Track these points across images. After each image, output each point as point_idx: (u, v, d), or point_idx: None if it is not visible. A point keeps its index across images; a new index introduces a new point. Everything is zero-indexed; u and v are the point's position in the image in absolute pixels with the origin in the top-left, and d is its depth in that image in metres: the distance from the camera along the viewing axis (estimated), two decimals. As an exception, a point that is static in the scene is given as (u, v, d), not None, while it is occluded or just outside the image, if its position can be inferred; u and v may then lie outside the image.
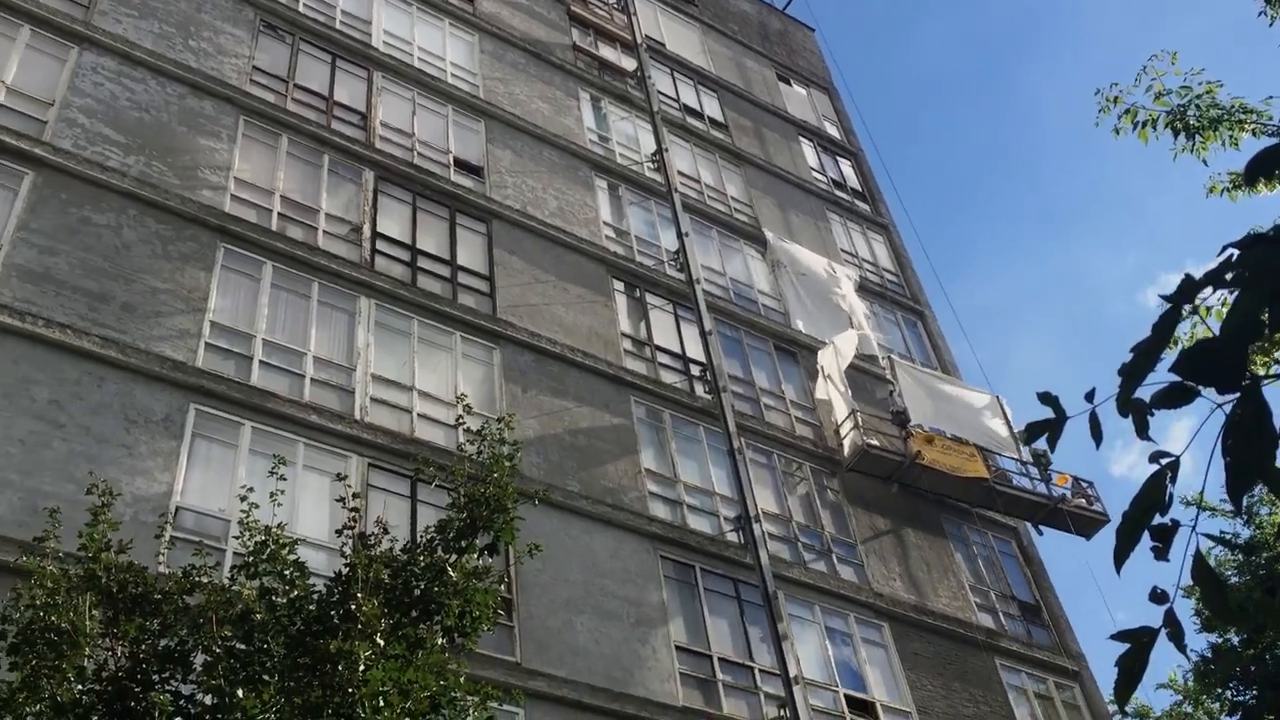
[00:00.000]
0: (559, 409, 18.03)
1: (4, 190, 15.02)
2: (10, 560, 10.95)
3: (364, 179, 19.24)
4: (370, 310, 17.28)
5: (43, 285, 14.33)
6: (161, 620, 7.32)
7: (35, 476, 12.67)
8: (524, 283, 19.63)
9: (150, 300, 15.10)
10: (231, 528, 13.33)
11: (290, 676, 7.05)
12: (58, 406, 13.39)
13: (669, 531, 17.56)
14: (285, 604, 7.74)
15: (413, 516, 14.95)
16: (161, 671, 7.09)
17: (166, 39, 18.55)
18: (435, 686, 7.53)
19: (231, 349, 15.50)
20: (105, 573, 7.54)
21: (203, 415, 14.50)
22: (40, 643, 6.97)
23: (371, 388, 16.35)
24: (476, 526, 8.75)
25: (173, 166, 16.85)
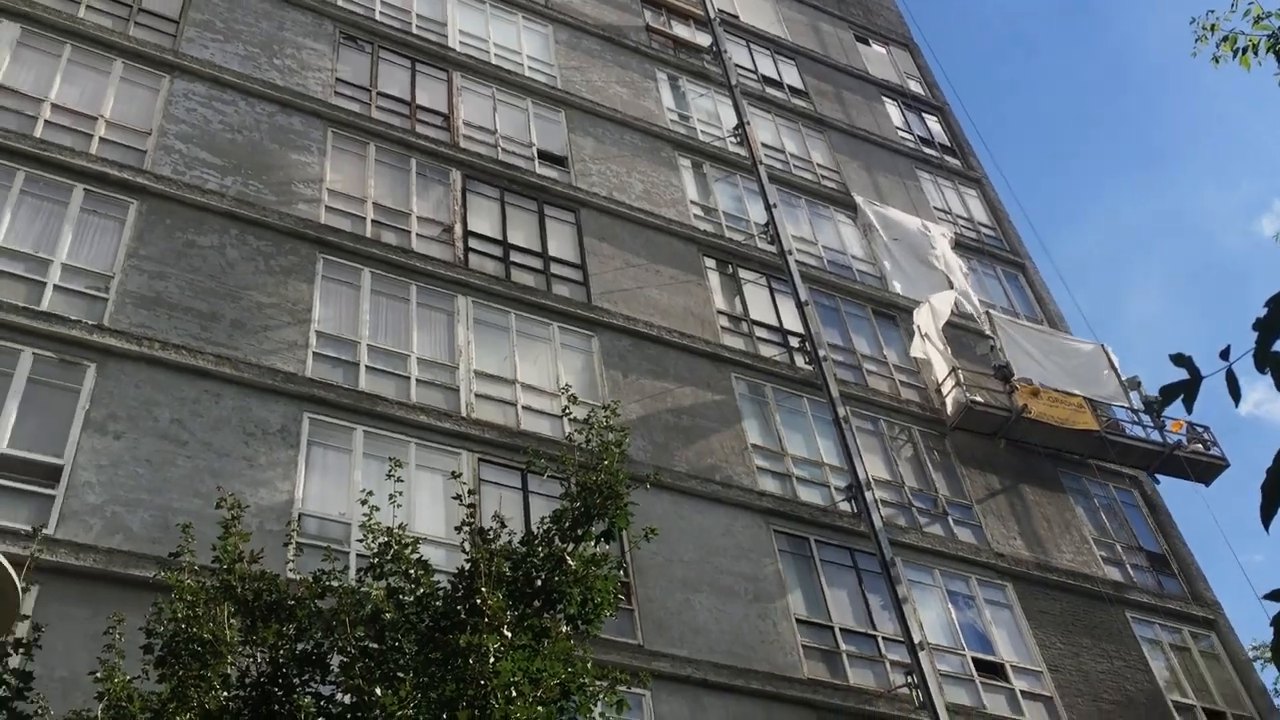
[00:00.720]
0: (660, 391, 18.08)
1: (112, 221, 15.58)
2: (149, 576, 11.40)
3: (451, 179, 19.49)
4: (468, 308, 17.52)
5: (156, 309, 14.84)
6: (296, 625, 7.57)
7: (164, 494, 13.16)
8: (616, 268, 19.70)
9: (258, 315, 15.53)
10: (353, 530, 13.70)
11: (424, 672, 7.24)
12: (180, 425, 13.88)
13: (780, 505, 17.51)
14: (412, 602, 7.93)
15: (525, 508, 15.16)
16: (301, 674, 7.33)
17: (252, 59, 19.01)
18: (564, 674, 7.66)
19: (338, 356, 15.87)
20: (240, 583, 7.81)
21: (316, 423, 14.88)
22: (185, 654, 7.26)
23: (475, 384, 16.60)
24: (591, 514, 8.85)
25: (268, 184, 17.28)
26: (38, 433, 13.05)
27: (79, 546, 12.18)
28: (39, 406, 13.27)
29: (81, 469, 12.91)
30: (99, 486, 12.87)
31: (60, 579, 11.77)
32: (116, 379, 13.90)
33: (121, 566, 12.23)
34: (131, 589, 11.75)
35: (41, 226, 15.04)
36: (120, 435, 13.41)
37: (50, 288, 14.40)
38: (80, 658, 10.20)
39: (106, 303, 14.59)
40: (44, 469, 12.79)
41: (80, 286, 14.66)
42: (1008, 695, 17.18)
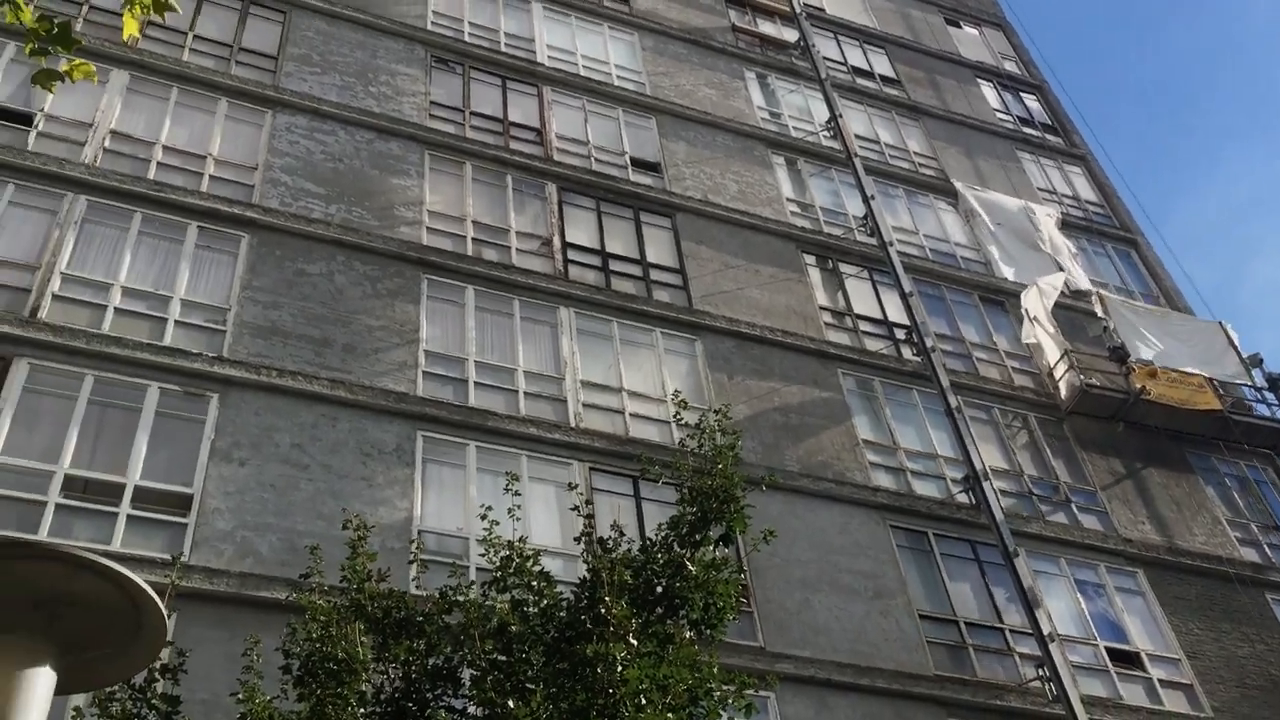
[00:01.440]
0: (767, 391, 17.98)
1: (226, 255, 16.09)
2: (281, 597, 11.73)
3: (547, 192, 19.68)
4: (570, 319, 17.66)
5: (271, 338, 15.27)
6: (426, 641, 7.71)
7: (289, 517, 13.53)
8: (715, 270, 19.66)
9: (368, 338, 15.88)
10: (471, 544, 13.91)
11: (553, 683, 7.31)
12: (300, 449, 14.25)
13: (896, 500, 17.26)
14: (537, 614, 8.01)
15: (639, 515, 15.21)
16: (433, 689, 7.46)
17: (349, 89, 19.47)
18: (691, 680, 7.65)
19: (447, 374, 16.13)
20: (370, 601, 7.99)
21: (430, 441, 15.14)
22: (321, 672, 7.45)
23: (582, 394, 16.71)
24: (708, 519, 8.83)
25: (370, 209, 17.67)
26: (168, 464, 13.53)
27: (212, 572, 12.59)
28: (167, 438, 13.76)
29: (210, 496, 13.34)
30: (228, 513, 13.28)
31: (196, 604, 12.16)
32: (238, 408, 14.34)
33: (254, 589, 12.60)
34: (264, 611, 12.09)
35: (160, 265, 15.60)
36: (245, 462, 13.82)
37: (171, 323, 14.92)
38: (219, 679, 10.51)
39: (225, 334, 15.06)
40: (176, 498, 13.25)
41: (199, 320, 15.17)
42: (1145, 685, 16.64)
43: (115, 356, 14.12)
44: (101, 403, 13.77)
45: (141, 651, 4.51)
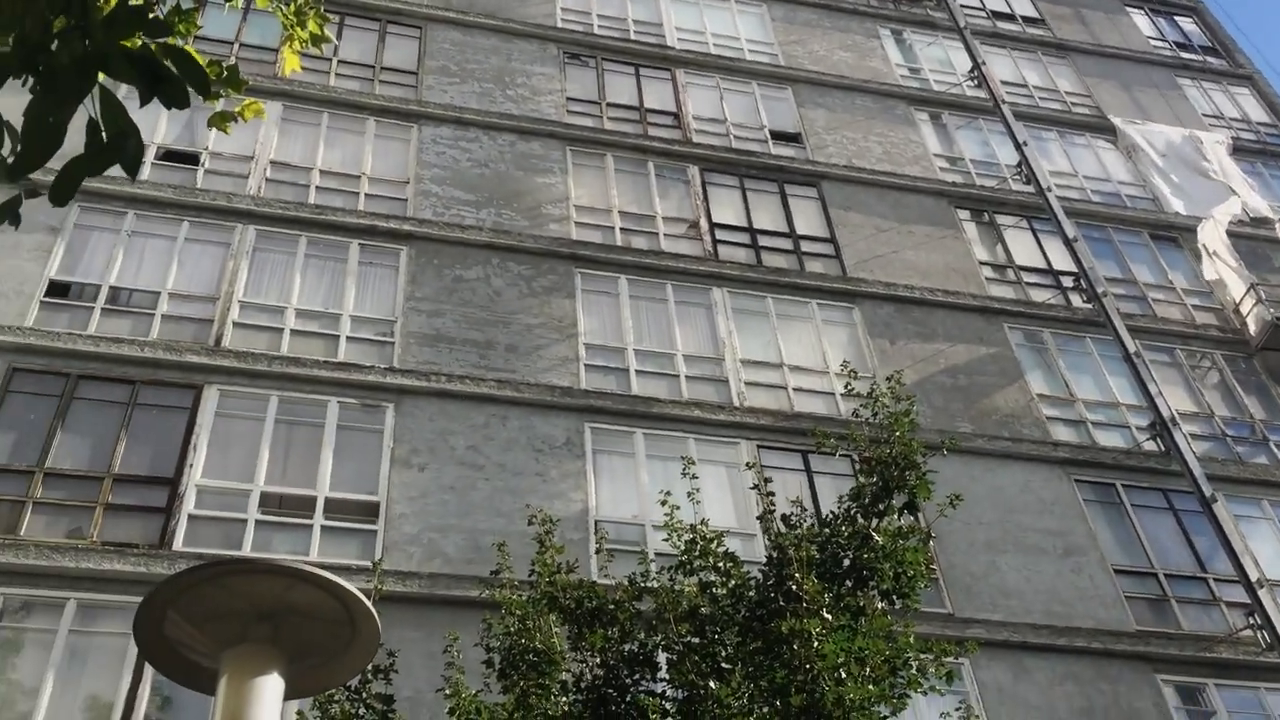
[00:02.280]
0: (932, 353, 17.57)
1: (388, 269, 16.62)
2: (471, 595, 12.09)
3: (690, 174, 19.66)
4: (724, 299, 17.61)
5: (437, 345, 15.72)
6: (619, 628, 7.82)
7: (471, 517, 13.91)
8: (867, 236, 19.30)
9: (528, 337, 16.18)
10: (647, 531, 14.07)
11: (750, 662, 7.32)
12: (475, 450, 14.64)
13: (1078, 454, 16.65)
14: (726, 595, 8.03)
15: (811, 489, 15.09)
16: (632, 674, 7.57)
17: (487, 95, 19.84)
18: (888, 650, 7.56)
19: (609, 365, 16.31)
20: (562, 593, 8.15)
21: (597, 432, 15.34)
22: (522, 664, 7.65)
23: (743, 372, 16.66)
24: (890, 488, 8.69)
25: (519, 210, 17.98)
26: (353, 474, 14.09)
27: (404, 574, 13.04)
28: (350, 450, 14.32)
29: (395, 503, 13.83)
30: (413, 517, 13.75)
31: (392, 606, 12.55)
32: (413, 415, 14.81)
33: (444, 589, 13.01)
34: (456, 608, 12.48)
35: (327, 284, 16.23)
36: (424, 467, 14.27)
37: (343, 339, 15.51)
38: (420, 676, 10.90)
39: (394, 346, 15.57)
40: (364, 507, 13.79)
41: (369, 334, 15.72)
42: (1369, 629, 15.62)
43: (296, 376, 14.75)
44: (287, 421, 14.42)
45: (357, 655, 4.69)
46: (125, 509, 13.05)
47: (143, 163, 2.46)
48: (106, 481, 13.17)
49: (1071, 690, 13.91)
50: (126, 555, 12.46)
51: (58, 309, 14.75)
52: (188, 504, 13.17)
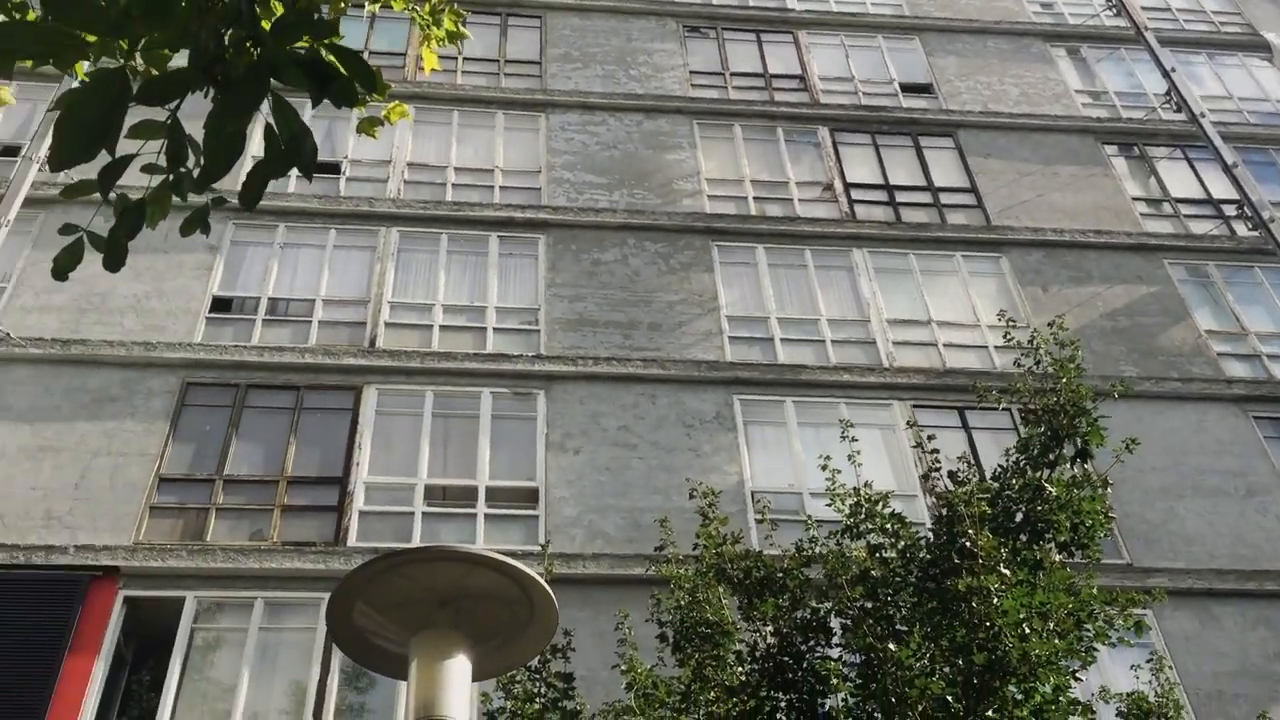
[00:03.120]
0: (1088, 297, 16.92)
1: (527, 258, 16.86)
2: (636, 572, 12.23)
3: (820, 137, 19.35)
4: (865, 259, 17.31)
5: (581, 329, 15.88)
6: (790, 596, 7.78)
7: (628, 496, 14.04)
8: (1009, 182, 18.68)
9: (670, 314, 16.21)
10: (805, 498, 13.97)
11: (928, 622, 7.20)
12: (626, 430, 14.76)
13: (1254, 389, 15.82)
14: (896, 557, 7.91)
15: (971, 445, 14.74)
16: (806, 641, 7.53)
17: (611, 77, 19.90)
18: (1071, 604, 7.33)
19: (752, 335, 16.21)
20: (729, 564, 8.16)
21: (747, 403, 15.29)
22: (695, 637, 7.70)
23: (890, 332, 16.36)
24: (1059, 437, 8.41)
25: (650, 188, 18.01)
26: (511, 462, 14.38)
27: (568, 556, 13.24)
28: (506, 438, 14.61)
29: (554, 487, 14.06)
30: (572, 500, 13.95)
31: (559, 587, 12.78)
32: (563, 400, 15.02)
33: (608, 568, 13.17)
34: (620, 587, 12.62)
35: (471, 278, 16.56)
36: (579, 450, 14.46)
37: (490, 330, 15.82)
38: (593, 655, 11.05)
39: (539, 333, 15.80)
40: (524, 493, 14.06)
41: (514, 324, 15.99)
42: None
43: (448, 370, 15.12)
44: (444, 414, 14.79)
45: (536, 635, 4.78)
46: (301, 509, 13.61)
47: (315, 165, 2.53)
48: (281, 484, 13.74)
49: (1265, 635, 13.28)
50: (305, 553, 13.00)
51: (222, 323, 15.44)
52: (358, 501, 13.65)
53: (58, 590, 12.34)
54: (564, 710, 7.69)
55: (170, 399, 14.32)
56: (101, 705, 11.83)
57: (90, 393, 14.23)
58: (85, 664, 11.86)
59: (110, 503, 13.18)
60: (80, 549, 12.65)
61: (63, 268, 2.96)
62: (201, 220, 2.95)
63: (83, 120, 2.25)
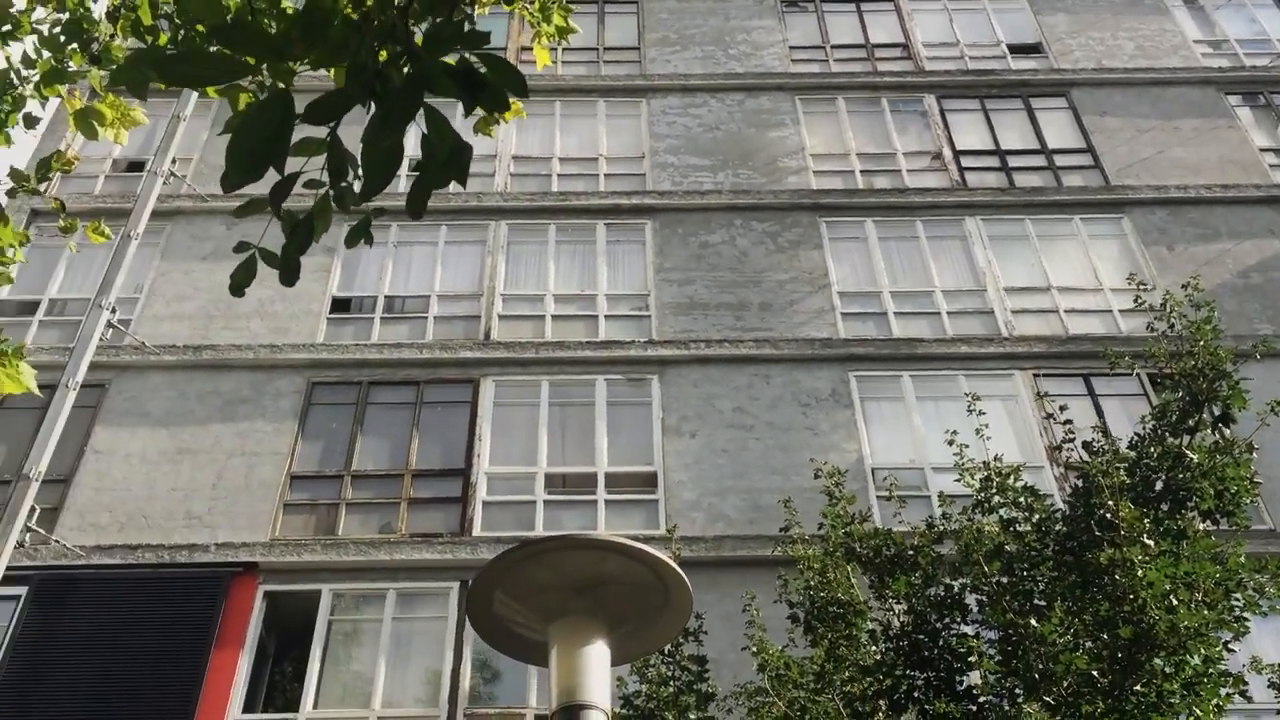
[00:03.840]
0: (1215, 254, 16.27)
1: (635, 244, 16.91)
2: (758, 554, 12.22)
3: (926, 105, 18.96)
4: (978, 228, 16.92)
5: (692, 313, 15.87)
6: (922, 573, 7.67)
7: (746, 477, 14.00)
8: (1128, 139, 18.05)
9: (781, 293, 16.09)
10: (927, 474, 13.76)
11: (1069, 597, 7.02)
12: (741, 412, 14.71)
13: (1403, 343, 15.02)
14: (1031, 530, 7.73)
15: (1098, 413, 14.32)
16: (941, 618, 7.42)
17: (710, 58, 19.79)
18: (1218, 573, 7.06)
19: (865, 311, 16.00)
20: (858, 543, 8.08)
21: (863, 379, 15.10)
22: (826, 617, 7.64)
23: (1008, 301, 15.98)
24: (1198, 401, 8.11)
25: (755, 168, 17.88)
26: (628, 447, 14.46)
27: (690, 539, 13.23)
28: (622, 424, 14.70)
29: (672, 471, 14.09)
30: (690, 483, 13.98)
31: (683, 571, 12.90)
32: (677, 384, 15.03)
33: (730, 550, 13.16)
34: (742, 569, 12.60)
35: (580, 267, 16.68)
36: (695, 434, 14.47)
37: (602, 318, 15.91)
38: (721, 638, 11.05)
39: (650, 318, 15.84)
40: (642, 478, 14.13)
41: (625, 310, 16.05)
42: None
43: (562, 359, 15.27)
44: (560, 403, 14.95)
45: (672, 620, 4.79)
46: (426, 502, 13.91)
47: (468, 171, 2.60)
48: (406, 478, 14.06)
49: None
50: (433, 544, 13.28)
51: (342, 323, 15.84)
52: (480, 491, 13.88)
53: (202, 587, 12.85)
54: (699, 693, 7.72)
55: (297, 398, 14.76)
56: (248, 696, 12.29)
57: (222, 396, 14.75)
58: (231, 657, 12.33)
59: (246, 501, 13.66)
60: (220, 547, 13.15)
61: (239, 284, 3.09)
62: (365, 231, 3.05)
63: (252, 142, 2.33)
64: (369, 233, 3.05)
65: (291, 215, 2.85)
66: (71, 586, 12.82)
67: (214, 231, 16.71)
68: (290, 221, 2.78)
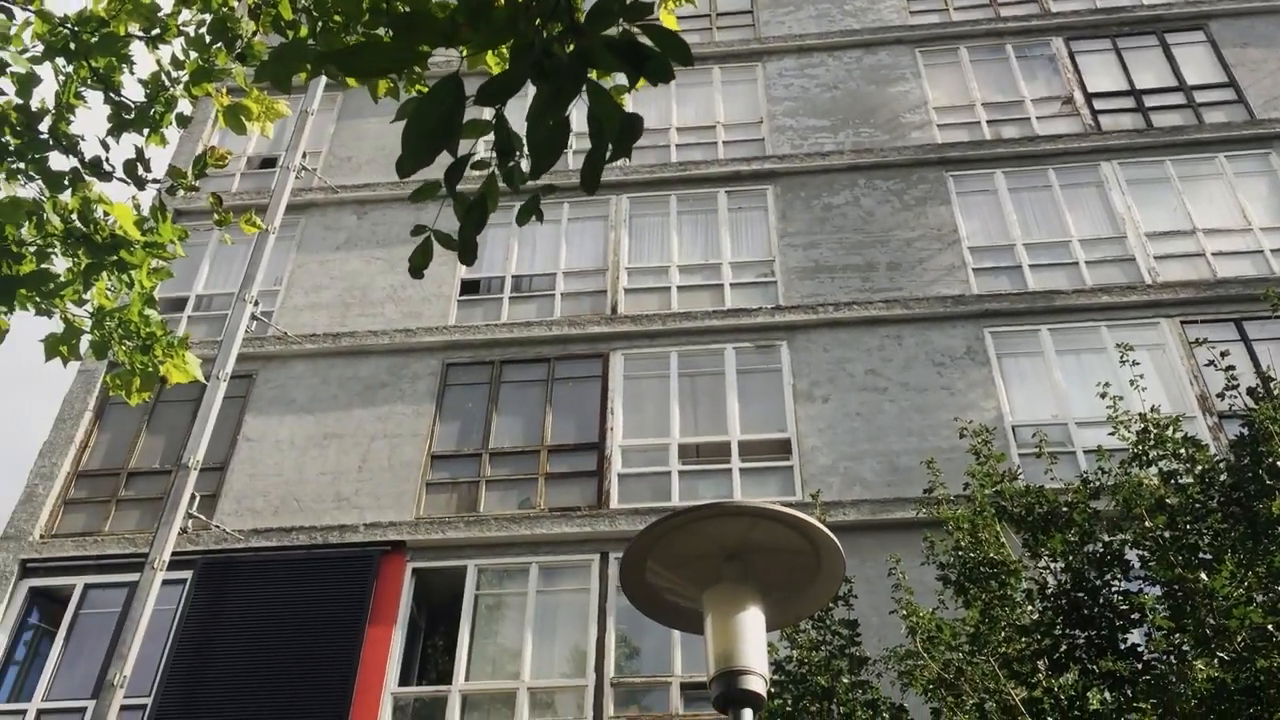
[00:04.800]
0: (1377, 186, 15.34)
1: (757, 210, 16.76)
2: (907, 516, 12.13)
3: (1054, 48, 18.29)
4: (1115, 172, 16.29)
5: (818, 276, 15.68)
6: (1078, 530, 7.44)
7: (881, 440, 13.81)
8: (1273, 71, 17.13)
9: (909, 252, 15.77)
10: (1071, 429, 13.37)
11: (1239, 549, 6.73)
12: (874, 374, 14.50)
13: None
14: (1193, 482, 7.43)
15: (1252, 358, 13.69)
16: (1101, 575, 7.20)
17: (825, 16, 19.43)
18: None
19: (998, 265, 15.58)
20: (1008, 501, 7.88)
21: (998, 335, 14.73)
22: (979, 577, 7.48)
23: (1150, 246, 15.37)
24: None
25: (876, 125, 17.52)
26: (760, 414, 14.39)
27: (827, 504, 13.12)
28: (753, 391, 14.63)
29: (805, 437, 13.98)
30: (825, 449, 13.85)
31: (822, 537, 12.81)
32: (806, 349, 14.89)
33: (869, 514, 13.02)
34: (883, 532, 12.47)
35: (703, 236, 16.62)
36: (827, 399, 14.32)
37: (727, 286, 15.84)
38: (863, 602, 10.91)
39: (776, 284, 15.70)
40: (776, 445, 14.06)
41: (750, 278, 15.95)
42: None
43: (689, 330, 15.26)
44: (690, 373, 14.95)
45: (824, 584, 4.76)
46: (563, 476, 14.09)
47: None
48: (542, 453, 14.27)
49: None
50: (572, 518, 13.46)
51: (473, 304, 16.12)
52: (615, 464, 14.00)
53: (354, 566, 13.29)
54: (851, 657, 7.66)
55: (433, 380, 15.09)
56: (403, 669, 12.68)
57: (362, 381, 15.18)
58: (385, 632, 12.73)
59: (391, 482, 14.05)
60: (369, 527, 13.57)
61: (418, 266, 3.17)
62: (535, 209, 3.09)
63: (426, 127, 2.38)
64: (539, 210, 3.08)
65: (463, 196, 2.89)
66: (232, 569, 13.40)
67: (345, 222, 17.17)
68: (462, 203, 2.82)
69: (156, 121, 4.47)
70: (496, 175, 2.85)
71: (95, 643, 13.05)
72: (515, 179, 2.77)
